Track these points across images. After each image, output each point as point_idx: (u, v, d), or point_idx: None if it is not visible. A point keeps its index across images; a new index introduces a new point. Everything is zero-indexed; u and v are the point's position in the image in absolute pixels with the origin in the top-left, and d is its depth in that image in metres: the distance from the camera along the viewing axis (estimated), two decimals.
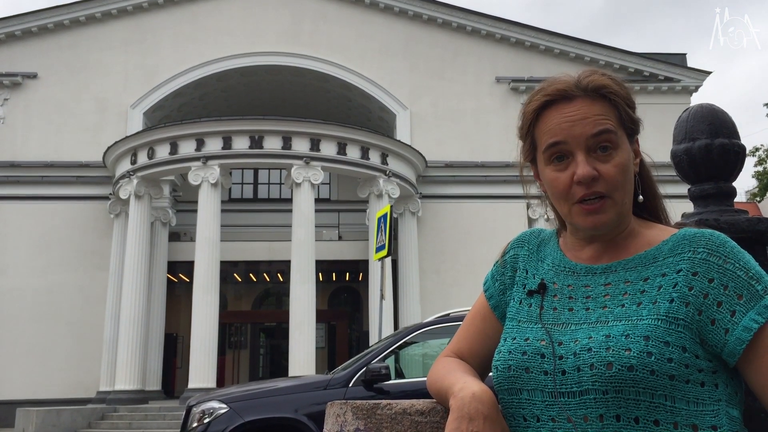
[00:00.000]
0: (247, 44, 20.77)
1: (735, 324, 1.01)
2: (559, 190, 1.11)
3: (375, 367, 6.10)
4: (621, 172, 1.09)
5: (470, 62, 21.32)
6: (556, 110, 1.12)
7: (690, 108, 2.12)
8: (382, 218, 10.60)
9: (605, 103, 1.12)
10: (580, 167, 1.08)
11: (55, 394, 17.65)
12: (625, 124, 1.13)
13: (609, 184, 1.09)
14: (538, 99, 1.14)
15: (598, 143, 1.09)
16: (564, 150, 1.11)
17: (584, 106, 1.11)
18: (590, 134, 1.09)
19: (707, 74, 21.86)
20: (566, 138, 1.10)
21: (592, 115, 1.10)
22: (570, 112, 1.11)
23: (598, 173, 1.08)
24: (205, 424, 6.02)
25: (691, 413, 0.99)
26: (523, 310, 1.16)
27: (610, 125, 1.10)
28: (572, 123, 1.10)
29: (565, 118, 1.11)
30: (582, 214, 1.10)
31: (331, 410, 1.24)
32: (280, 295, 24.56)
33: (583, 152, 1.09)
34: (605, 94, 1.12)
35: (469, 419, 1.01)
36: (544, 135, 1.13)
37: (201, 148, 16.76)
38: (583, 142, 1.09)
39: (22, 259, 18.74)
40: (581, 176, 1.08)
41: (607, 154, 1.09)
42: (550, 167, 1.12)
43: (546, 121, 1.13)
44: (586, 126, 1.09)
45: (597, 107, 1.11)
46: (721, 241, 1.06)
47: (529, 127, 1.16)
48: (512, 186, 20.13)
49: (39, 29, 20.39)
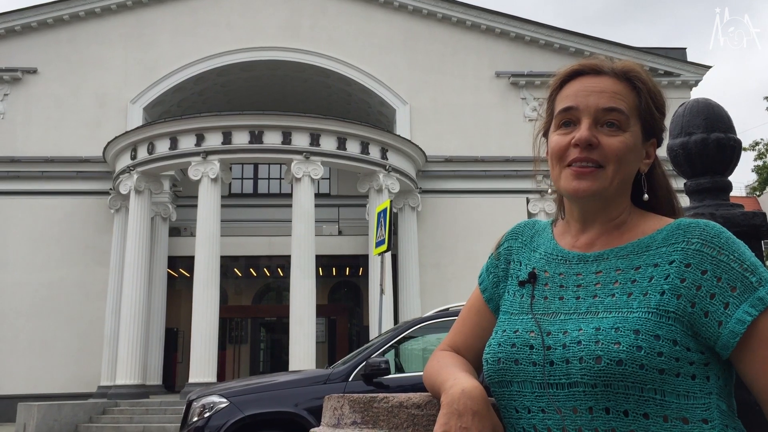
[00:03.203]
0: (246, 39, 20.74)
1: (728, 316, 1.00)
2: (556, 152, 1.13)
3: (375, 362, 6.11)
4: (623, 149, 1.10)
5: (470, 57, 21.28)
6: (581, 81, 1.15)
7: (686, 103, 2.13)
8: (382, 213, 10.60)
9: (629, 88, 1.14)
10: (581, 131, 1.10)
11: (56, 389, 17.69)
12: (643, 116, 1.14)
13: (605, 155, 1.09)
14: (567, 68, 1.18)
15: (606, 118, 1.11)
16: (573, 116, 1.12)
17: (607, 83, 1.13)
18: (602, 107, 1.11)
19: (707, 68, 21.83)
20: (578, 104, 1.12)
21: (610, 91, 1.12)
22: (592, 83, 1.13)
23: (599, 143, 1.09)
24: (205, 418, 6.04)
25: (681, 406, 0.99)
26: (515, 301, 1.17)
27: (624, 106, 1.11)
28: (589, 93, 1.12)
29: (584, 87, 1.13)
30: (569, 177, 1.11)
31: (329, 403, 1.25)
32: (281, 290, 24.58)
33: (589, 120, 1.11)
34: (631, 78, 1.14)
35: (458, 415, 1.01)
36: (561, 100, 1.15)
37: (201, 143, 16.75)
38: (592, 112, 1.11)
39: (22, 255, 18.75)
40: (579, 138, 1.10)
41: (612, 130, 1.10)
42: (557, 132, 1.14)
43: (568, 89, 1.16)
44: (601, 98, 1.11)
45: (618, 87, 1.13)
46: (716, 231, 1.05)
47: (551, 95, 1.19)
48: (512, 181, 20.14)
49: (38, 24, 20.36)
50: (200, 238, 16.37)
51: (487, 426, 1.01)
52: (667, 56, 21.79)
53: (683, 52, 22.75)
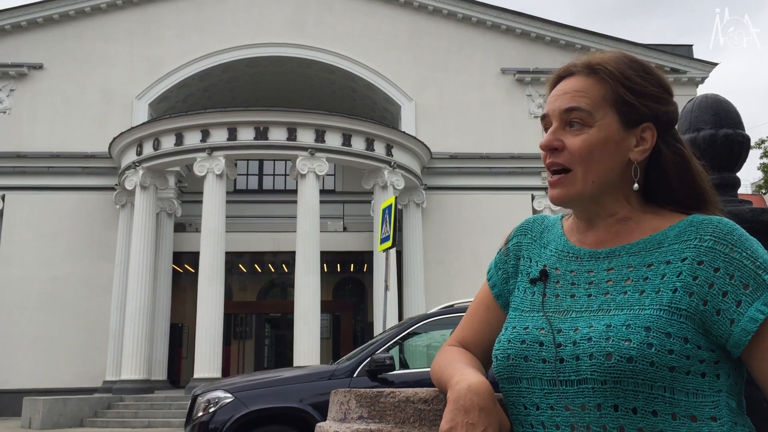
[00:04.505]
0: (251, 35, 20.75)
1: (740, 314, 0.99)
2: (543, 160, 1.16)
3: (379, 358, 6.12)
4: (586, 147, 1.09)
5: (475, 53, 21.25)
6: (558, 86, 1.16)
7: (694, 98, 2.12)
8: (387, 209, 10.60)
9: (596, 81, 1.11)
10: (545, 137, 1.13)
11: (61, 384, 17.77)
12: (617, 105, 1.11)
13: (571, 156, 1.09)
14: (553, 74, 1.19)
15: (569, 118, 1.11)
16: (548, 123, 1.14)
17: (572, 83, 1.13)
18: (563, 108, 1.11)
19: (713, 65, 21.75)
20: (548, 111, 1.14)
21: (572, 90, 1.12)
22: (560, 87, 1.14)
23: (563, 145, 1.10)
24: (210, 413, 6.06)
25: (690, 404, 0.99)
26: (526, 299, 1.16)
27: (584, 103, 1.10)
28: (556, 97, 1.13)
29: (555, 92, 1.14)
30: (549, 187, 1.14)
31: (335, 398, 1.24)
32: (285, 286, 24.61)
33: (557, 125, 1.12)
34: (597, 69, 1.12)
35: (464, 411, 1.01)
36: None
37: (206, 139, 16.78)
38: (558, 116, 1.12)
39: (28, 250, 18.82)
40: (541, 144, 1.13)
41: (575, 130, 1.10)
42: None
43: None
44: (563, 100, 1.12)
45: (582, 83, 1.12)
46: (729, 228, 1.04)
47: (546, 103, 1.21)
48: (517, 177, 20.12)
49: (44, 20, 20.40)
50: (205, 233, 16.41)
51: (493, 422, 1.01)
52: (673, 53, 21.71)
53: (689, 49, 22.68)
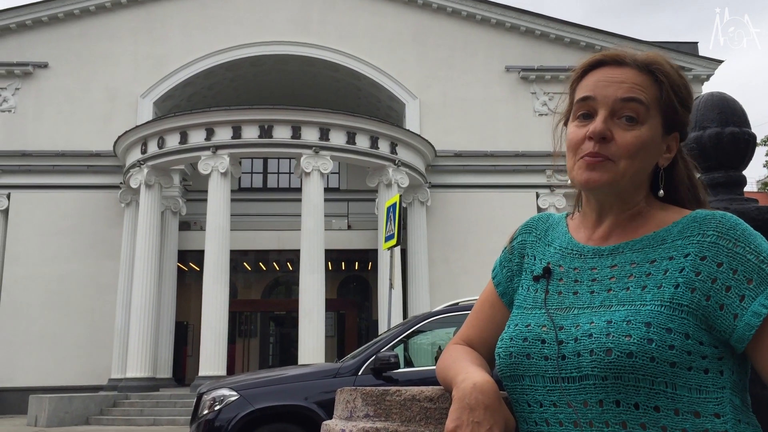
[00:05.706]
0: (255, 34, 20.75)
1: (744, 309, 0.99)
2: (571, 144, 1.12)
3: (384, 356, 6.12)
4: (639, 145, 1.08)
5: (480, 51, 21.22)
6: (602, 71, 1.13)
7: (700, 96, 2.11)
8: (392, 208, 10.60)
9: (651, 81, 1.11)
10: (596, 123, 1.09)
11: (67, 382, 17.82)
12: (664, 110, 1.11)
13: (619, 151, 1.08)
14: (589, 58, 1.16)
15: (624, 110, 1.09)
16: (591, 107, 1.11)
17: (628, 74, 1.11)
18: (620, 97, 1.09)
19: (719, 63, 21.68)
20: (596, 95, 1.10)
21: (630, 81, 1.10)
22: (612, 74, 1.12)
23: (612, 137, 1.08)
24: (215, 411, 6.07)
25: (693, 400, 0.99)
26: (529, 296, 1.16)
27: (643, 97, 1.09)
28: (608, 83, 1.11)
29: (604, 77, 1.12)
30: (581, 168, 1.09)
31: (341, 396, 1.25)
32: (290, 284, 24.65)
33: (606, 112, 1.09)
34: (653, 70, 1.12)
35: (470, 410, 1.01)
36: (580, 90, 1.14)
37: (211, 137, 16.79)
38: (610, 103, 1.09)
39: (33, 248, 18.88)
40: (593, 130, 1.08)
41: (629, 125, 1.08)
42: (575, 123, 1.13)
43: (588, 79, 1.14)
44: (620, 89, 1.10)
45: (639, 78, 1.11)
46: (732, 223, 1.04)
47: (572, 84, 1.17)
48: (521, 175, 20.09)
49: (49, 19, 20.44)
50: (210, 232, 16.43)
51: (498, 420, 1.01)
52: (678, 50, 21.63)
53: (695, 46, 22.60)
